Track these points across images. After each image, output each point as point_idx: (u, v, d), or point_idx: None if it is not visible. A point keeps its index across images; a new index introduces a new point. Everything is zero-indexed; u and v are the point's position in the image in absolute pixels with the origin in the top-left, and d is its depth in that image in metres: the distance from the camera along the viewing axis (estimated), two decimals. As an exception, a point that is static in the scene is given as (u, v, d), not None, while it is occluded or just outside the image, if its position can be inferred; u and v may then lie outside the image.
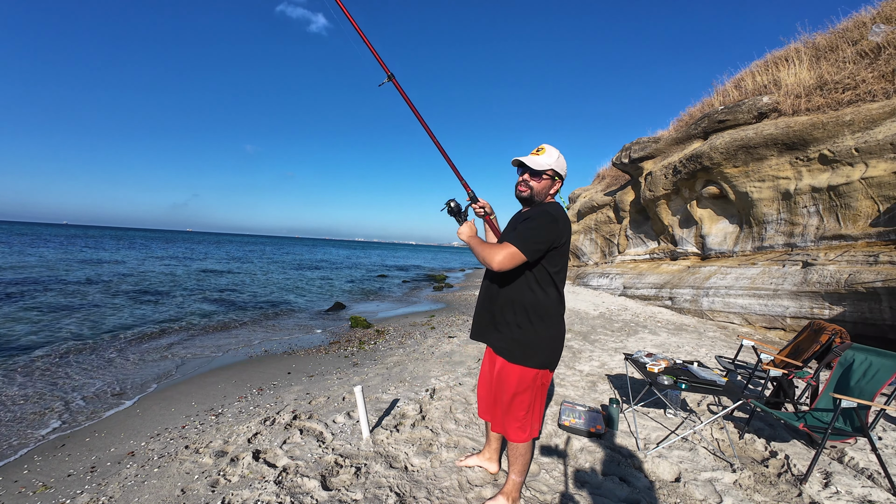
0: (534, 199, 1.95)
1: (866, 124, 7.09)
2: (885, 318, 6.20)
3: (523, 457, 2.04)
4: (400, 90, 2.11)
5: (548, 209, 1.87)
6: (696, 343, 6.67)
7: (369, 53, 2.15)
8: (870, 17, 8.73)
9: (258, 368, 5.96)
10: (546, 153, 1.90)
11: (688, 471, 2.58)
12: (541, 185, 1.93)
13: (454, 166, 2.12)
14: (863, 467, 2.63)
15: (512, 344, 1.91)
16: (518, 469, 2.06)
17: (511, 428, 1.99)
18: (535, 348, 1.90)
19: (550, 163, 1.90)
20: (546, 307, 1.89)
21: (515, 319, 1.90)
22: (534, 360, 1.90)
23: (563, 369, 4.82)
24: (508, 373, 1.95)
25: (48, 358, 6.31)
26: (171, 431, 3.76)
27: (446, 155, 2.11)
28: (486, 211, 2.13)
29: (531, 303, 1.88)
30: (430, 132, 2.12)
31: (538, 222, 1.80)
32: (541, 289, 1.88)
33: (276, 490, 2.28)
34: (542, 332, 1.89)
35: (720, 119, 9.75)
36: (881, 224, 6.92)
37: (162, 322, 9.35)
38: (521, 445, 2.01)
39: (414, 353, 6.10)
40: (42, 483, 3.00)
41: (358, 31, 2.14)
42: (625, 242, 14.90)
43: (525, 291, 1.88)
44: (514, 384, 1.94)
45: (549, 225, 1.79)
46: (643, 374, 3.09)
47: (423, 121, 2.12)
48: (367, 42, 2.13)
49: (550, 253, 1.84)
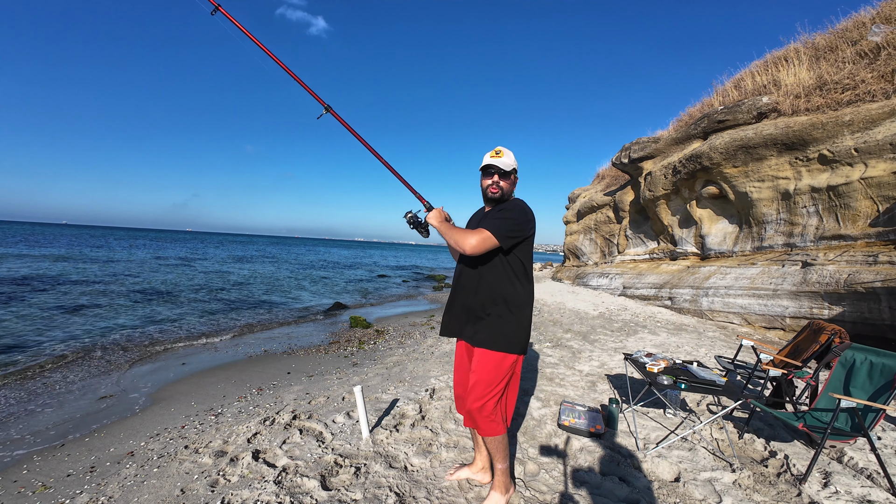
0: (503, 198, 2.09)
1: (866, 124, 7.09)
2: (885, 318, 6.20)
3: (501, 443, 2.06)
4: (340, 120, 2.23)
5: (520, 204, 2.05)
6: (695, 343, 6.67)
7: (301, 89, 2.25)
8: (869, 17, 8.74)
9: (258, 368, 5.96)
10: (506, 154, 2.06)
11: (687, 470, 2.58)
12: (508, 184, 2.09)
13: (405, 181, 2.23)
14: (862, 467, 2.63)
15: (496, 334, 2.00)
16: (500, 457, 2.09)
17: (484, 421, 2.01)
18: (516, 336, 2.01)
19: (513, 163, 2.07)
20: (524, 298, 2.04)
21: (497, 310, 2.01)
22: (515, 348, 2.01)
23: (563, 369, 4.82)
24: (487, 360, 2.01)
25: (48, 358, 6.31)
26: (170, 431, 3.76)
27: (396, 172, 2.23)
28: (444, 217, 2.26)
29: (511, 294, 2.01)
30: (378, 155, 2.26)
31: (514, 213, 1.98)
32: (518, 281, 2.03)
33: (276, 490, 2.28)
34: (520, 321, 2.02)
35: (720, 119, 9.75)
36: (880, 224, 6.92)
37: (161, 322, 9.35)
38: (496, 437, 2.04)
39: (414, 353, 6.10)
40: (41, 483, 3.00)
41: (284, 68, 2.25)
42: (624, 242, 14.91)
43: (505, 284, 2.02)
44: (491, 371, 2.00)
45: (523, 215, 1.98)
46: (643, 373, 3.09)
47: (369, 145, 2.24)
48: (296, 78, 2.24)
49: (522, 244, 2.00)
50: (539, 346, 6.03)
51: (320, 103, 2.23)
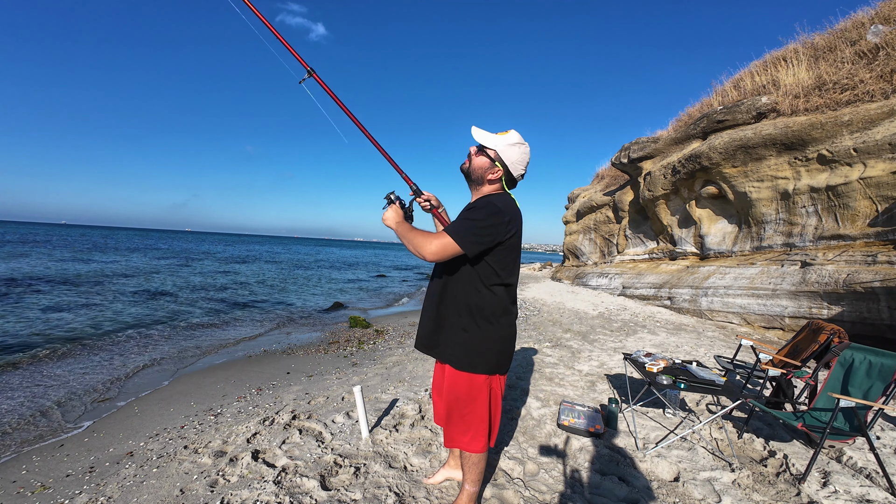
0: (471, 176, 1.78)
1: (865, 124, 7.10)
2: (883, 317, 6.21)
3: (477, 465, 1.87)
4: (322, 84, 1.93)
5: (494, 200, 1.69)
6: (694, 343, 6.68)
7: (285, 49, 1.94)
8: (868, 17, 8.75)
9: (257, 368, 5.96)
10: (503, 136, 1.73)
11: (687, 470, 2.59)
12: (479, 163, 1.75)
13: (392, 160, 1.91)
14: (861, 467, 2.64)
15: (458, 349, 1.75)
16: (472, 478, 1.90)
17: (463, 439, 1.81)
18: (483, 353, 1.74)
19: (498, 144, 1.72)
20: (493, 308, 1.73)
21: (460, 322, 1.74)
22: (482, 366, 1.75)
23: (563, 369, 4.82)
24: (457, 381, 1.78)
25: (47, 357, 6.30)
26: (169, 431, 3.76)
27: (382, 149, 1.91)
28: (432, 204, 1.96)
29: (476, 304, 1.72)
30: (362, 126, 1.90)
31: (480, 213, 1.63)
32: (486, 288, 1.71)
33: (275, 490, 2.27)
34: (489, 335, 1.73)
35: (719, 119, 9.76)
36: (879, 224, 6.93)
37: (161, 322, 9.34)
38: (474, 455, 1.85)
39: (413, 353, 6.10)
40: (40, 483, 3.00)
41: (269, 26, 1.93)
42: (624, 242, 14.92)
43: (470, 291, 1.72)
44: (465, 393, 1.78)
45: (492, 217, 1.61)
46: (642, 373, 3.10)
47: (351, 113, 1.90)
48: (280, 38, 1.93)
49: (497, 249, 1.66)
50: (539, 345, 6.04)
51: (304, 66, 1.94)
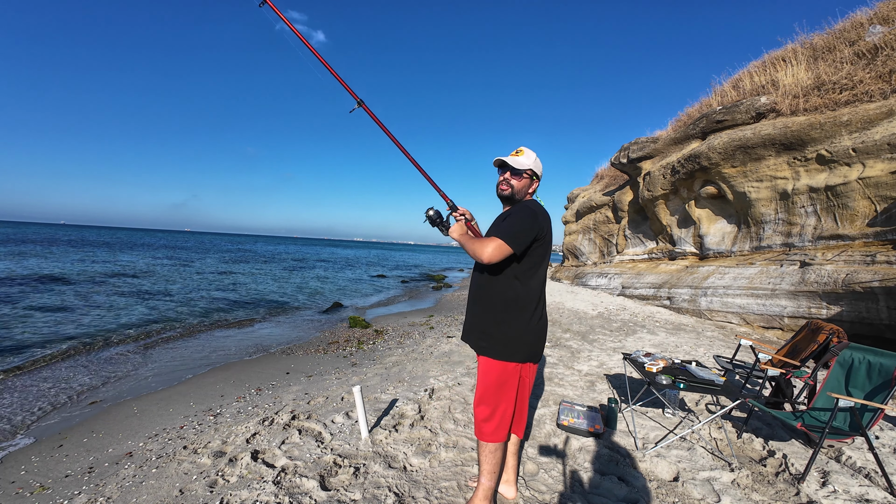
0: (514, 196, 2.04)
1: (863, 124, 7.12)
2: (882, 317, 6.22)
3: (493, 455, 1.97)
4: (371, 115, 2.22)
5: (527, 205, 1.97)
6: (694, 343, 6.68)
7: (336, 83, 2.25)
8: (867, 17, 8.77)
9: (256, 368, 5.95)
10: (525, 154, 2.01)
11: (686, 470, 2.59)
12: (521, 184, 2.03)
13: (432, 180, 2.20)
14: (860, 466, 2.64)
15: (494, 341, 1.93)
16: (488, 470, 1.98)
17: (486, 426, 1.94)
18: (518, 342, 1.92)
19: (529, 163, 2.00)
20: (528, 300, 1.94)
21: (495, 317, 1.94)
22: (517, 355, 1.93)
23: (562, 369, 4.82)
24: (490, 369, 1.94)
25: (47, 357, 6.29)
26: (169, 432, 3.75)
27: (423, 171, 2.21)
28: (466, 218, 2.19)
29: (512, 297, 1.93)
30: (406, 152, 2.22)
31: (519, 216, 1.90)
32: (520, 283, 1.93)
33: (275, 490, 2.27)
34: (524, 325, 1.93)
35: (718, 119, 9.77)
36: (878, 224, 6.94)
37: (160, 321, 9.33)
38: (490, 444, 1.96)
39: (413, 353, 6.09)
40: (39, 484, 2.99)
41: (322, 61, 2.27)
42: (623, 242, 14.92)
43: (506, 286, 1.93)
44: (494, 379, 1.93)
45: (529, 219, 1.88)
46: (642, 373, 3.10)
47: (398, 141, 2.22)
48: (332, 71, 2.24)
49: (534, 245, 1.91)
50: (538, 345, 6.04)
51: (353, 97, 2.22)
